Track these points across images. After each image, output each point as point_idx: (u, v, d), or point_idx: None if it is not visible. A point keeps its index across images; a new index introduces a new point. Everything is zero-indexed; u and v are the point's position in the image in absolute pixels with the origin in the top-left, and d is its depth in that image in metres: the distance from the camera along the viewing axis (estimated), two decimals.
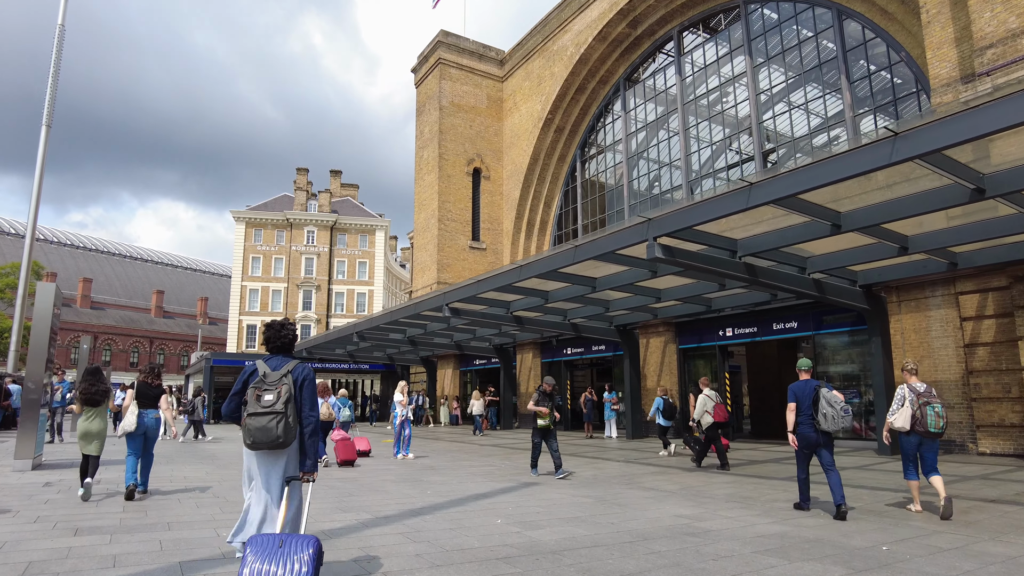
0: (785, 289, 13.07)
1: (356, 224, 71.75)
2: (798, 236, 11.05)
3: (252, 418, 4.27)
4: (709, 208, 10.08)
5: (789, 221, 11.02)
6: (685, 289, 16.24)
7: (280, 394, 4.33)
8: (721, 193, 9.93)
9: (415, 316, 21.72)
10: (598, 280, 15.32)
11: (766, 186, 9.08)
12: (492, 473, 11.85)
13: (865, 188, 9.82)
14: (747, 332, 19.48)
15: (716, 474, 11.54)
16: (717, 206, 9.87)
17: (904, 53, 20.23)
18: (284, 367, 4.53)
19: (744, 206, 9.35)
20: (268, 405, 4.28)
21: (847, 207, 10.44)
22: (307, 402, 4.49)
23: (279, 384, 4.39)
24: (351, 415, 15.92)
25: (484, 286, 15.96)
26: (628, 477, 11.17)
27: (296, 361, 4.66)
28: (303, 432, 4.46)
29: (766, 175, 9.19)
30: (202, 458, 14.46)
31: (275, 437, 4.23)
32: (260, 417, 4.25)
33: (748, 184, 9.31)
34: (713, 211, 10.00)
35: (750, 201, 9.32)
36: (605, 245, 11.83)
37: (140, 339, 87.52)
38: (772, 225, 11.52)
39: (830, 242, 12.26)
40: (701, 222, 10.22)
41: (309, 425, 4.46)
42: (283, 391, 4.35)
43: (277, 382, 4.40)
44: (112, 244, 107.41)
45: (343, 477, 11.20)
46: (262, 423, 4.23)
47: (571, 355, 26.79)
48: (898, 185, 9.55)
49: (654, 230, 10.83)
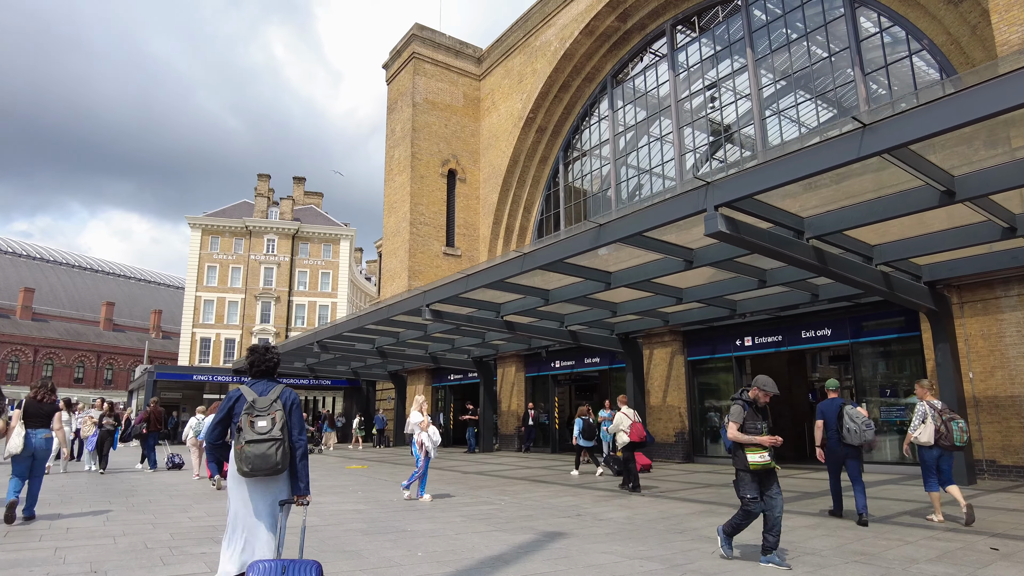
0: (854, 282, 10.63)
1: (320, 233, 68.05)
2: (892, 208, 8.61)
3: (251, 445, 4.21)
4: (801, 162, 7.56)
5: (879, 186, 8.62)
6: (711, 288, 13.75)
7: (275, 420, 4.32)
8: (814, 143, 7.43)
9: (386, 322, 18.83)
10: (614, 275, 12.73)
11: (896, 125, 6.58)
12: (493, 516, 9.07)
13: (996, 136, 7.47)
14: (770, 341, 17.08)
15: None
16: (814, 158, 7.34)
17: (926, 41, 18.38)
18: (272, 392, 4.50)
19: (855, 155, 6.84)
20: (264, 432, 4.27)
21: (962, 170, 8.06)
22: (296, 426, 4.47)
23: (271, 410, 4.37)
24: None
25: (475, 281, 13.20)
26: (673, 520, 8.50)
27: (282, 385, 4.62)
28: (295, 456, 4.44)
29: (894, 111, 6.70)
30: (114, 494, 11.37)
31: (274, 464, 4.23)
32: (259, 444, 4.22)
33: (861, 125, 6.82)
34: (811, 164, 7.46)
35: (862, 149, 6.82)
36: (645, 220, 9.20)
37: (86, 353, 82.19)
38: (847, 197, 9.13)
39: (906, 224, 9.94)
40: (787, 181, 7.69)
41: (300, 448, 4.46)
42: (277, 417, 4.34)
43: (269, 407, 4.37)
44: (59, 253, 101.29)
45: (294, 525, 8.31)
46: (261, 450, 4.21)
47: (560, 368, 24.10)
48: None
49: (715, 197, 8.29)
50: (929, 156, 7.67)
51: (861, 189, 9.13)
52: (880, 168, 7.74)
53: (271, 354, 4.74)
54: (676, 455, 18.59)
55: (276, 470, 4.26)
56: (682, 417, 18.79)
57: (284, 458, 4.29)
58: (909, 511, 9.07)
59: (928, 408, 8.18)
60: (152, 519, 8.65)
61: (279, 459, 4.25)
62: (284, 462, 4.30)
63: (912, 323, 14.21)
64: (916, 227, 10.31)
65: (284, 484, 4.49)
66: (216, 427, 4.50)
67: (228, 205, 69.10)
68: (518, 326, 17.01)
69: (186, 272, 64.92)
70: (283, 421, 4.35)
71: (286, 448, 4.32)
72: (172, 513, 9.21)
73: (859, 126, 6.83)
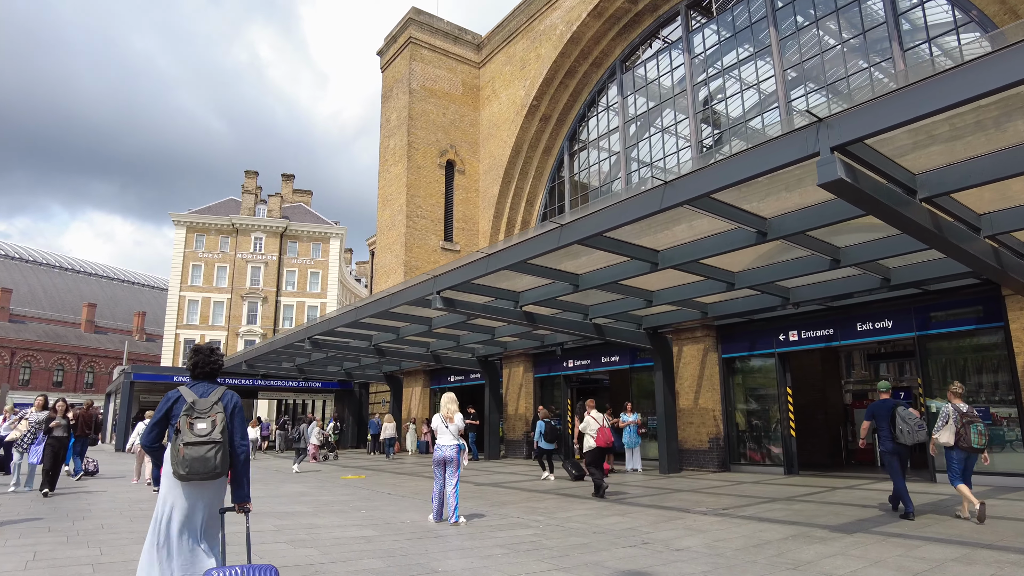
0: (969, 258, 8.79)
1: (309, 231, 65.55)
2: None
3: (189, 448, 4.03)
4: (949, 87, 5.71)
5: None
6: (768, 272, 11.85)
7: (215, 423, 4.16)
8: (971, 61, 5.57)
9: (386, 315, 16.82)
10: (661, 253, 10.82)
11: None
12: (541, 546, 7.11)
13: None
14: (820, 336, 15.24)
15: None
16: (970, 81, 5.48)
17: (975, 11, 16.73)
18: (213, 394, 4.32)
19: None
20: (204, 434, 4.09)
21: None
22: (238, 430, 4.33)
23: (211, 412, 4.20)
24: None
25: (499, 261, 11.20)
26: (771, 549, 6.60)
27: (224, 388, 4.44)
28: (237, 461, 4.28)
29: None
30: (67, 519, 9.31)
31: (213, 467, 4.06)
32: (198, 447, 4.04)
33: None
34: (963, 89, 5.62)
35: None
36: (738, 170, 7.24)
37: (66, 356, 79.26)
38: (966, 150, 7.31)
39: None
40: (932, 111, 5.84)
41: (242, 453, 4.31)
42: (218, 420, 4.19)
43: (209, 410, 4.20)
44: (39, 253, 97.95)
45: (235, 533, 6.35)
46: (200, 453, 4.03)
47: (573, 368, 22.15)
48: None
49: (830, 137, 6.41)
50: None
51: (980, 142, 7.33)
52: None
53: (215, 356, 4.57)
54: (711, 463, 16.71)
55: (215, 474, 4.09)
56: (716, 421, 16.91)
57: (224, 462, 4.13)
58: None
59: (952, 410, 8.63)
60: (96, 556, 6.62)
61: (218, 463, 4.08)
62: (223, 466, 4.13)
63: (994, 312, 12.42)
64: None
65: (223, 490, 4.33)
66: (153, 429, 4.30)
67: (214, 202, 66.42)
68: (539, 318, 15.05)
69: (170, 271, 62.51)
70: (224, 424, 4.17)
71: (227, 452, 4.15)
72: (126, 546, 7.16)
73: None
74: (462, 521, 8.72)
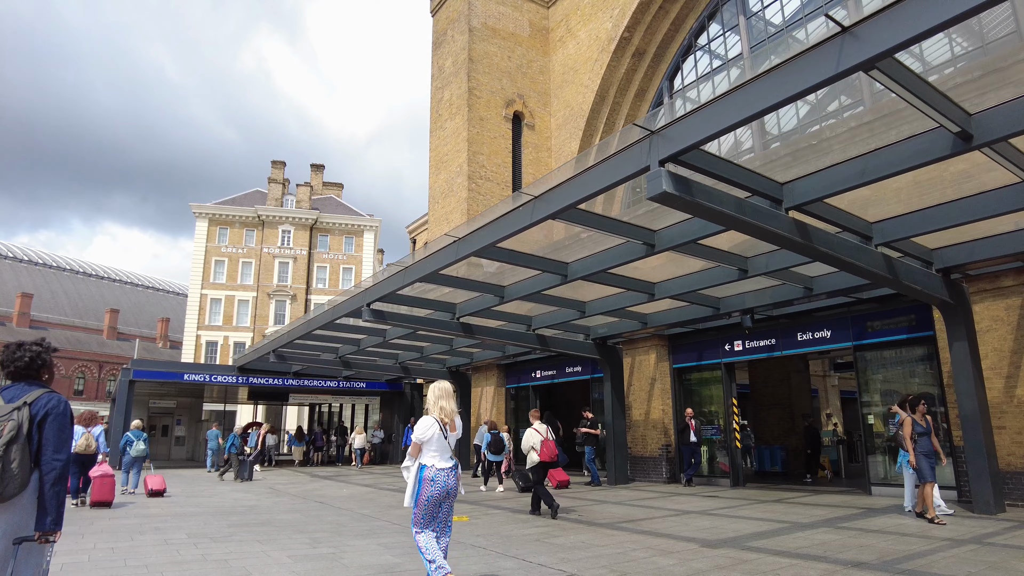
0: (850, 266, 8.64)
1: (341, 224, 59.94)
2: (895, 161, 6.67)
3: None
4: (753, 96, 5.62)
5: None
6: (685, 281, 11.75)
7: (1, 432, 3.40)
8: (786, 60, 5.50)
9: (332, 325, 16.94)
10: (570, 266, 10.81)
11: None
12: None
13: None
14: (762, 345, 15.06)
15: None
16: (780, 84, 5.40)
17: None
18: (23, 398, 3.56)
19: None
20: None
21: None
22: (50, 442, 3.53)
23: (5, 419, 3.46)
24: (146, 448, 14.41)
25: (412, 274, 11.23)
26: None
27: (43, 390, 3.64)
28: (43, 481, 3.51)
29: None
30: None
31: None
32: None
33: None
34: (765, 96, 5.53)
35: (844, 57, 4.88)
36: (577, 190, 7.21)
37: (87, 363, 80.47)
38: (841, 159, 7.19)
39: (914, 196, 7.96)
40: (730, 125, 5.77)
41: (52, 471, 3.51)
42: (7, 428, 3.44)
43: (4, 417, 3.47)
44: (62, 259, 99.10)
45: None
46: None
47: (540, 379, 22.00)
48: None
49: (660, 149, 6.37)
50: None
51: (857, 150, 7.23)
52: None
53: (24, 351, 3.72)
54: (660, 474, 16.58)
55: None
56: (667, 431, 16.78)
57: (11, 482, 3.41)
58: None
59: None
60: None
61: (3, 483, 3.37)
62: (11, 487, 3.42)
63: (925, 321, 12.17)
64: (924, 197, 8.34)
65: (23, 516, 3.56)
66: None
67: (239, 194, 61.13)
68: (477, 329, 15.11)
69: (190, 267, 57.10)
70: (13, 435, 3.46)
71: (11, 468, 3.42)
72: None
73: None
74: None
